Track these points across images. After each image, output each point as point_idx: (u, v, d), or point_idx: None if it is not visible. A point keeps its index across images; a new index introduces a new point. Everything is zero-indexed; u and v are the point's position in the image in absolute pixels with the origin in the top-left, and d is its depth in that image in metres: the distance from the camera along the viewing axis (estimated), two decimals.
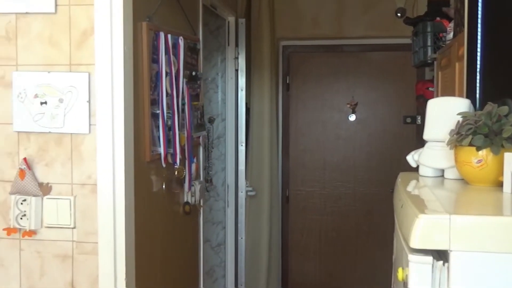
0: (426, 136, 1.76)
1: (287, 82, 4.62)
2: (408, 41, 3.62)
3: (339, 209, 4.63)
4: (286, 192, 4.67)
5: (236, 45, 3.90)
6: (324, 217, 4.66)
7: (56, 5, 1.99)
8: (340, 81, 4.58)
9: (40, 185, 2.04)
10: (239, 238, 4.07)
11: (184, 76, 2.58)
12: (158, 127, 2.35)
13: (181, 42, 2.54)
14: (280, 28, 4.42)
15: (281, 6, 4.41)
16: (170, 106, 2.45)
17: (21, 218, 2.03)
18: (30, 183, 2.01)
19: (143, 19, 2.21)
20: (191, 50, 2.78)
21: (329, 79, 4.60)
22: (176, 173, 2.56)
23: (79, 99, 1.98)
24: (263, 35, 4.18)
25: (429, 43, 3.13)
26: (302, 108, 4.65)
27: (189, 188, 2.73)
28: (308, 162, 4.66)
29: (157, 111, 2.35)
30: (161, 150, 2.37)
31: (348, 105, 4.57)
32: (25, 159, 2.02)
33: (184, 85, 2.59)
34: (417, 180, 1.72)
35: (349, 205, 4.61)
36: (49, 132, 2.02)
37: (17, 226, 2.04)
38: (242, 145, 4.01)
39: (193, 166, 2.74)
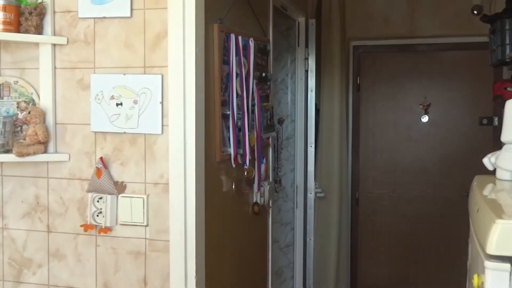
0: (504, 138, 1.69)
1: (358, 82, 4.56)
2: (484, 39, 3.49)
3: (410, 212, 4.52)
4: (355, 194, 4.61)
5: (306, 45, 3.89)
6: (395, 220, 4.56)
7: (131, 9, 2.05)
8: (412, 81, 4.47)
9: (116, 183, 2.10)
10: (308, 239, 4.06)
11: (254, 77, 2.60)
12: (228, 128, 2.38)
13: (251, 43, 2.55)
14: (350, 28, 4.37)
15: (351, 6, 4.36)
16: (240, 107, 2.47)
17: (97, 215, 2.11)
18: (106, 181, 2.08)
19: (215, 22, 2.24)
20: (261, 51, 2.79)
21: (400, 80, 4.50)
22: (245, 174, 2.58)
23: (152, 101, 2.03)
24: (334, 35, 4.14)
25: (507, 41, 3.00)
26: (373, 109, 4.57)
27: (258, 189, 2.75)
28: (378, 164, 4.58)
29: (228, 112, 2.37)
30: (231, 150, 2.40)
31: (421, 106, 4.45)
32: (101, 158, 2.09)
33: (254, 86, 2.60)
34: (494, 183, 1.65)
35: (421, 209, 4.50)
36: (124, 133, 2.08)
37: (94, 223, 2.11)
38: (311, 146, 4.00)
39: (263, 166, 2.75)
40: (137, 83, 2.05)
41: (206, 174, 2.14)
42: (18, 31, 2.06)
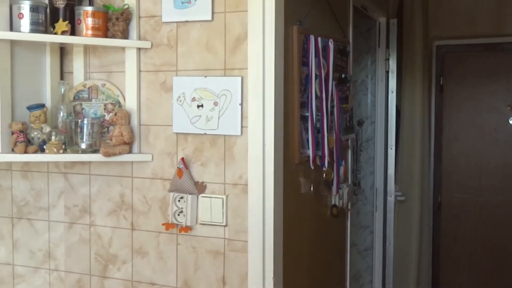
0: None
1: (441, 83, 4.41)
2: None
3: (496, 219, 4.32)
4: (438, 198, 4.47)
5: (387, 46, 3.81)
6: (480, 226, 4.38)
7: (213, 12, 2.08)
8: (499, 82, 4.28)
9: (196, 183, 2.15)
10: (387, 243, 3.97)
11: (333, 79, 2.57)
12: (307, 129, 2.37)
13: (331, 44, 2.53)
14: (433, 27, 4.24)
15: (434, 4, 4.23)
16: (319, 109, 2.45)
17: (178, 215, 2.16)
18: (187, 181, 2.13)
19: (294, 23, 2.24)
20: (341, 52, 2.77)
21: (486, 80, 4.32)
22: (324, 176, 2.56)
23: (232, 102, 2.06)
24: (416, 35, 4.03)
25: None
26: (456, 110, 4.41)
27: (337, 191, 2.72)
28: (462, 167, 4.41)
29: (306, 114, 2.37)
30: (310, 152, 2.39)
31: (509, 108, 4.25)
32: (182, 158, 2.14)
33: (333, 88, 2.58)
34: None
35: (508, 215, 4.29)
36: (205, 134, 2.12)
37: (175, 222, 2.17)
38: (392, 149, 3.91)
39: (341, 169, 2.72)
40: (218, 85, 2.08)
41: (285, 176, 2.14)
42: (105, 36, 2.14)
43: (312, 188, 2.50)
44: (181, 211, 2.15)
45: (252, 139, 2.04)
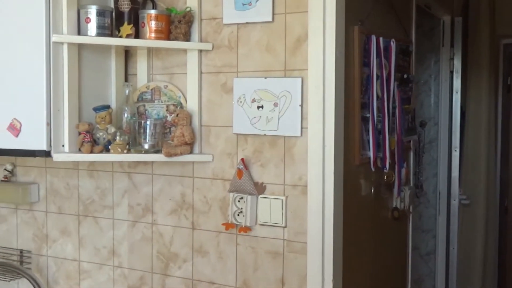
0: None
1: (508, 83, 4.26)
2: None
3: None
4: (504, 202, 4.31)
5: (451, 45, 3.71)
6: None
7: (273, 14, 2.09)
8: None
9: (256, 184, 2.16)
10: (451, 248, 3.87)
11: (395, 79, 2.53)
12: (368, 130, 2.34)
13: (392, 44, 2.49)
14: (500, 25, 4.08)
15: (501, 1, 4.08)
16: (380, 110, 2.42)
17: (238, 215, 2.17)
18: (247, 182, 2.14)
19: (355, 23, 2.22)
20: (403, 52, 2.72)
21: None
22: (385, 178, 2.52)
23: (292, 103, 2.06)
24: (482, 34, 3.90)
25: None
26: None
27: (399, 194, 2.67)
28: None
29: (367, 115, 2.34)
30: (371, 154, 2.36)
31: None
32: (242, 159, 2.16)
33: (395, 88, 2.54)
34: None
35: None
36: (265, 135, 2.13)
37: (234, 222, 2.18)
38: (456, 151, 3.81)
39: (403, 171, 2.67)
40: (278, 86, 2.08)
41: (345, 177, 2.12)
42: (168, 38, 2.19)
43: (372, 190, 2.47)
44: (241, 212, 2.16)
45: (312, 140, 2.03)
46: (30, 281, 2.52)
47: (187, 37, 2.19)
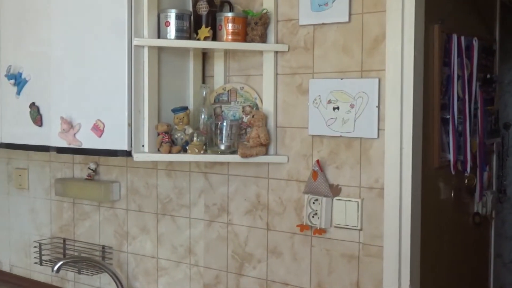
0: None
1: None
2: None
3: None
4: None
5: None
6: None
7: (350, 14, 2.07)
8: None
9: (331, 186, 2.14)
10: None
11: (477, 79, 2.44)
12: (448, 132, 2.27)
13: (475, 43, 2.41)
14: None
15: None
16: (461, 111, 2.34)
17: (312, 217, 2.16)
18: (322, 184, 2.13)
19: (435, 22, 2.16)
20: (486, 51, 2.62)
21: None
22: (466, 182, 2.44)
23: (369, 105, 2.03)
24: None
25: None
26: None
27: (480, 198, 2.58)
28: None
29: (447, 116, 2.27)
30: (451, 156, 2.29)
31: None
32: (318, 161, 2.15)
33: (477, 89, 2.45)
34: None
35: None
36: (340, 136, 2.11)
37: (309, 224, 2.17)
38: None
39: (485, 174, 2.57)
40: (354, 87, 2.06)
41: (423, 180, 2.07)
42: (244, 40, 2.21)
43: (452, 195, 2.39)
44: (316, 213, 2.15)
45: (389, 142, 1.99)
46: (111, 276, 2.62)
47: (263, 38, 2.21)
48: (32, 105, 2.44)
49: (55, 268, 2.52)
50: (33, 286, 3.10)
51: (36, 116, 2.42)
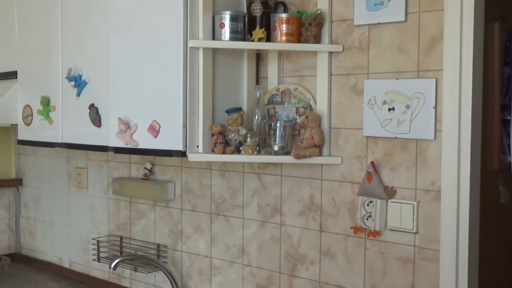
0: None
1: None
2: None
3: None
4: None
5: None
6: None
7: (406, 13, 2.03)
8: None
9: (385, 188, 2.11)
10: None
11: None
12: (508, 134, 2.20)
13: None
14: None
15: None
16: None
17: (366, 219, 2.14)
18: (377, 186, 2.10)
19: (495, 20, 2.10)
20: None
21: None
22: None
23: (425, 105, 1.99)
24: None
25: None
26: None
27: None
28: None
29: (508, 117, 2.20)
30: (511, 159, 2.21)
31: None
32: (372, 162, 2.12)
33: None
34: None
35: None
36: (396, 138, 2.07)
37: (363, 226, 2.15)
38: None
39: None
40: (410, 88, 2.02)
41: (482, 183, 2.01)
42: (298, 41, 2.21)
43: None
44: (370, 216, 2.12)
45: (447, 143, 1.95)
46: (166, 274, 2.66)
47: (317, 39, 2.20)
48: (91, 106, 2.51)
49: (112, 265, 2.59)
50: (91, 282, 3.19)
51: (95, 117, 2.49)
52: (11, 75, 2.96)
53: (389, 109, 2.07)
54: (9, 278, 3.27)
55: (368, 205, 2.12)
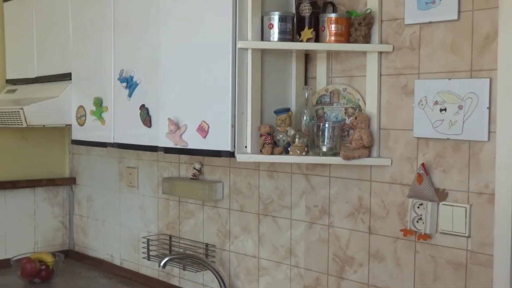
0: None
1: None
2: None
3: None
4: None
5: None
6: None
7: (459, 11, 1.98)
8: None
9: (437, 190, 2.06)
10: None
11: None
12: None
13: None
14: None
15: None
16: None
17: (417, 221, 2.10)
18: (427, 188, 2.06)
19: None
20: None
21: None
22: None
23: (478, 106, 1.94)
24: None
25: None
26: None
27: None
28: None
29: None
30: None
31: None
32: (423, 164, 2.08)
33: None
34: None
35: None
36: (447, 139, 2.03)
37: (413, 229, 2.11)
38: None
39: None
40: (462, 88, 1.97)
41: None
42: (347, 41, 2.19)
43: None
44: (420, 218, 2.08)
45: (501, 145, 1.89)
46: (214, 274, 2.68)
47: (366, 39, 2.17)
48: (142, 107, 2.55)
49: (162, 263, 2.63)
50: (141, 280, 3.25)
51: (146, 117, 2.54)
52: (66, 76, 3.04)
53: (441, 110, 2.03)
54: (63, 274, 3.37)
55: (418, 207, 2.09)
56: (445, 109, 2.02)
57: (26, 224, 3.65)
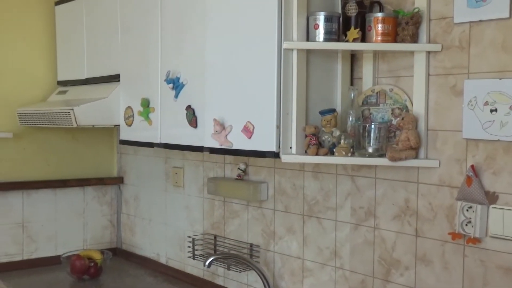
0: None
1: None
2: None
3: None
4: None
5: None
6: None
7: (511, 9, 1.93)
8: None
9: (487, 193, 2.01)
10: None
11: None
12: None
13: None
14: None
15: None
16: None
17: (466, 225, 2.05)
18: (477, 190, 2.01)
19: None
20: None
21: None
22: None
23: None
24: None
25: None
26: None
27: None
28: None
29: None
30: None
31: None
32: (472, 166, 2.03)
33: None
34: None
35: None
36: (498, 140, 1.97)
37: (462, 232, 2.06)
38: None
39: None
40: None
41: None
42: (394, 41, 2.16)
43: None
44: (469, 221, 2.03)
45: None
46: (258, 274, 2.69)
47: (414, 38, 2.14)
48: (188, 107, 2.58)
49: (207, 263, 2.65)
50: (187, 279, 3.29)
51: (192, 118, 2.56)
52: (114, 78, 3.11)
53: (491, 111, 1.97)
54: (111, 271, 3.44)
55: (467, 210, 2.04)
56: (495, 110, 1.97)
57: (75, 222, 3.74)
